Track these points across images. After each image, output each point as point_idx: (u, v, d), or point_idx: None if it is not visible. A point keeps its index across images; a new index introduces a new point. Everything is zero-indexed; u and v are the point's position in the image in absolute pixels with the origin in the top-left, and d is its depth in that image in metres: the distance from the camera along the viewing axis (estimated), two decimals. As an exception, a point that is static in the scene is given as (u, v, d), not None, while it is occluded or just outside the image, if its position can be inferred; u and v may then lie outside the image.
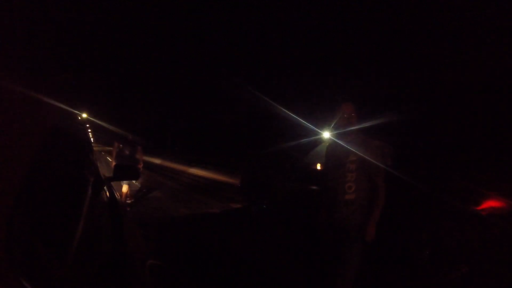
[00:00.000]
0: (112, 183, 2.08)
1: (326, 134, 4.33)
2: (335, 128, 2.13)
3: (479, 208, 2.75)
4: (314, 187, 3.96)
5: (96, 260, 0.90)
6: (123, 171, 2.02)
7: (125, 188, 5.54)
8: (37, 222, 0.67)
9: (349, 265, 1.97)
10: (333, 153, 2.17)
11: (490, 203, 2.76)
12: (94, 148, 2.69)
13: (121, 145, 5.33)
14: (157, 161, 19.06)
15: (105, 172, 2.78)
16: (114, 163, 5.18)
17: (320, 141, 4.64)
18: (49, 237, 0.70)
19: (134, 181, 6.03)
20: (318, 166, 4.41)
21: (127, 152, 5.30)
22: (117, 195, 2.17)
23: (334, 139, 2.19)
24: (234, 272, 2.89)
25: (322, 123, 4.47)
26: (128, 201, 5.98)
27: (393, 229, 3.22)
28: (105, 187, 1.72)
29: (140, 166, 5.29)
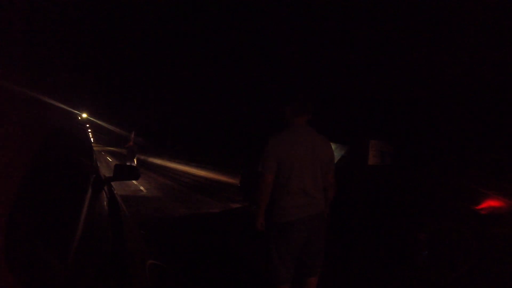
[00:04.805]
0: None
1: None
2: None
3: (479, 208, 2.75)
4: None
5: (96, 260, 0.90)
6: (123, 171, 2.02)
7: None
8: (37, 222, 0.67)
9: None
10: None
11: (490, 203, 2.76)
12: (94, 148, 2.69)
13: (129, 144, 9.44)
14: (157, 161, 19.07)
15: (105, 172, 2.77)
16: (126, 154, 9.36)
17: None
18: (49, 237, 0.70)
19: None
20: None
21: (131, 143, 9.52)
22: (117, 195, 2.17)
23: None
24: (234, 272, 2.89)
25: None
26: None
27: (392, 229, 3.22)
28: (105, 187, 1.72)
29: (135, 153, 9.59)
